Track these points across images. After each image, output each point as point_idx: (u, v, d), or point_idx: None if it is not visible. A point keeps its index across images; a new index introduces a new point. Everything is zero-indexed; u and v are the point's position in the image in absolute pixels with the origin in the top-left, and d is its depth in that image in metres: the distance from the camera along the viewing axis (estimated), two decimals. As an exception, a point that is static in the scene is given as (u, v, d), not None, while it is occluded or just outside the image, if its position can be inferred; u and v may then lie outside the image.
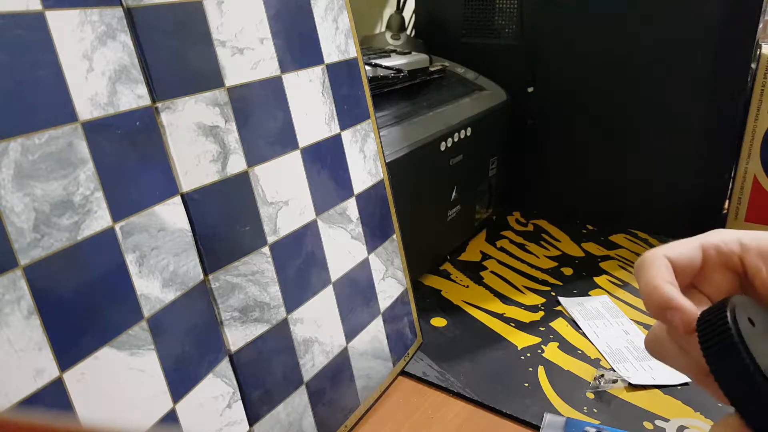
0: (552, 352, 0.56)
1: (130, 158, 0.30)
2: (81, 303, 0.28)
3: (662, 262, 0.29)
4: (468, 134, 0.69)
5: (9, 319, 0.25)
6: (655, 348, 0.31)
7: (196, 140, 0.34)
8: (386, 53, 0.72)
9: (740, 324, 0.27)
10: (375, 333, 0.48)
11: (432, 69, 0.73)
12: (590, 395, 0.50)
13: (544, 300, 0.65)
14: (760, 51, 0.74)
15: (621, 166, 0.81)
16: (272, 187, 0.39)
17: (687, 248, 0.29)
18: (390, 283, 0.50)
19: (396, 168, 0.54)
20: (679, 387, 0.51)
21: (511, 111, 0.81)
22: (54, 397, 0.26)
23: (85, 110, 0.28)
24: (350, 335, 0.45)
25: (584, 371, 0.53)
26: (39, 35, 0.27)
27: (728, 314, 0.27)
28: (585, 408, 0.49)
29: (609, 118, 0.80)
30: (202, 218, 0.34)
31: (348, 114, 0.46)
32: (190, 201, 0.33)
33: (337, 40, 0.45)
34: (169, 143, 0.32)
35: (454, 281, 0.69)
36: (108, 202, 0.29)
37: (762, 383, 0.25)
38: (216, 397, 0.34)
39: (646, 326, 0.60)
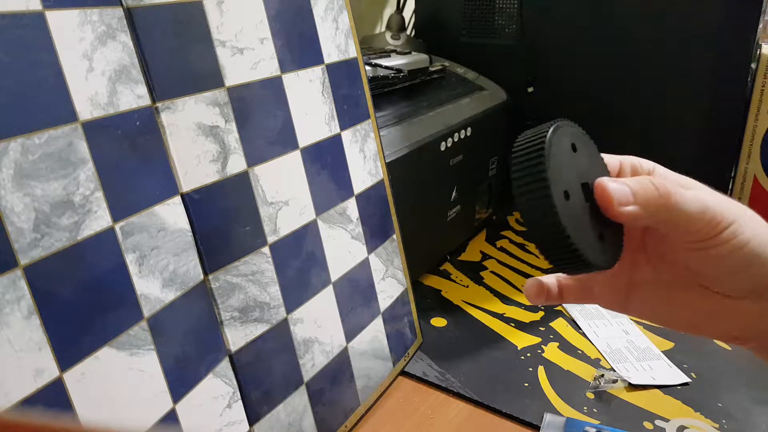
0: (552, 352, 0.56)
1: (130, 158, 0.30)
2: (81, 303, 0.28)
3: None
4: (468, 134, 0.69)
5: (9, 319, 0.25)
6: None
7: (196, 140, 0.34)
8: (386, 53, 0.72)
9: (557, 143, 0.28)
10: (375, 333, 0.48)
11: (432, 69, 0.73)
12: (590, 395, 0.50)
13: (544, 300, 0.65)
14: (760, 51, 0.74)
15: (621, 166, 0.81)
16: (272, 187, 0.39)
17: (608, 156, 0.33)
18: (390, 283, 0.50)
19: (396, 168, 0.54)
20: (679, 387, 0.51)
21: (511, 111, 0.81)
22: (54, 397, 0.26)
23: (85, 110, 0.28)
24: (350, 335, 0.45)
25: (584, 371, 0.53)
26: (39, 35, 0.27)
27: (549, 131, 0.28)
28: (585, 408, 0.49)
29: (609, 118, 0.80)
30: (202, 218, 0.34)
31: (348, 114, 0.46)
32: (190, 201, 0.33)
33: (337, 40, 0.45)
34: (169, 143, 0.32)
35: (454, 281, 0.69)
36: (108, 202, 0.29)
37: (549, 195, 0.26)
38: (216, 397, 0.34)
39: (646, 326, 0.60)
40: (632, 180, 0.29)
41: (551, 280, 0.36)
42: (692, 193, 0.29)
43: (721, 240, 0.29)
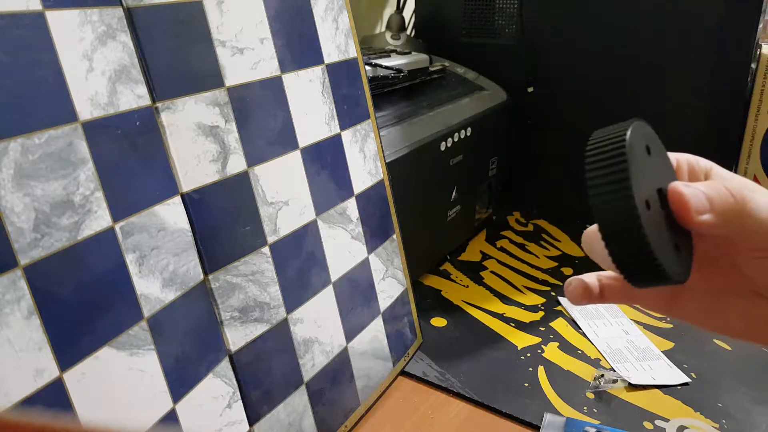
0: (552, 352, 0.56)
1: (130, 158, 0.30)
2: (81, 303, 0.28)
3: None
4: (468, 134, 0.69)
5: (9, 319, 0.25)
6: (588, 243, 0.31)
7: (196, 140, 0.34)
8: (386, 53, 0.72)
9: (636, 147, 0.25)
10: (375, 333, 0.48)
11: (432, 69, 0.73)
12: (590, 395, 0.50)
13: (544, 300, 0.65)
14: (760, 51, 0.74)
15: (621, 166, 0.81)
16: (272, 187, 0.39)
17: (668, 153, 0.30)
18: (390, 283, 0.50)
19: (396, 168, 0.54)
20: (679, 387, 0.51)
21: (511, 111, 0.81)
22: (54, 397, 0.26)
23: (85, 110, 0.28)
24: (350, 335, 0.45)
25: (584, 371, 0.53)
26: (39, 35, 0.27)
27: (629, 132, 0.25)
28: (585, 408, 0.49)
29: (609, 118, 0.80)
30: (202, 218, 0.34)
31: (348, 114, 0.46)
32: (190, 201, 0.33)
33: (337, 40, 0.45)
34: (169, 143, 0.32)
35: (454, 281, 0.69)
36: (108, 202, 0.29)
37: (631, 203, 0.24)
38: (216, 397, 0.34)
39: (646, 326, 0.60)
40: (705, 185, 0.27)
41: (592, 279, 0.33)
42: (763, 199, 0.26)
43: None
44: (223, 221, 0.35)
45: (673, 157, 0.30)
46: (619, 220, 0.25)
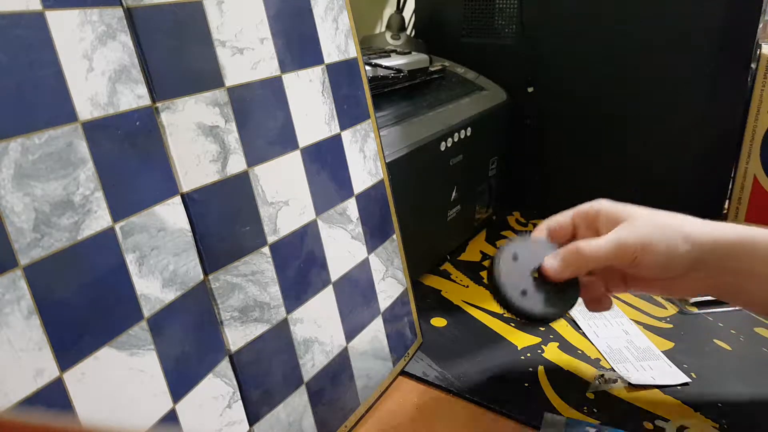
0: (552, 352, 0.56)
1: (130, 158, 0.30)
2: (81, 303, 0.28)
3: (542, 227, 0.50)
4: (468, 134, 0.69)
5: (9, 319, 0.25)
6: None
7: (196, 140, 0.34)
8: (386, 53, 0.72)
9: (503, 259, 0.46)
10: (375, 333, 0.48)
11: (432, 69, 0.73)
12: (590, 395, 0.50)
13: (544, 300, 0.65)
14: (760, 51, 0.74)
15: (620, 166, 0.81)
16: (272, 187, 0.39)
17: (562, 216, 0.50)
18: (390, 283, 0.50)
19: (396, 168, 0.54)
20: (679, 387, 0.51)
21: (511, 111, 0.81)
22: (54, 397, 0.26)
23: (85, 110, 0.28)
24: (350, 335, 0.45)
25: (584, 371, 0.53)
26: (39, 35, 0.27)
27: (499, 251, 0.47)
28: (585, 408, 0.49)
29: (609, 117, 0.80)
30: (202, 218, 0.34)
31: (348, 114, 0.46)
32: (190, 201, 0.33)
33: (337, 40, 0.45)
34: (169, 143, 0.32)
35: (454, 281, 0.69)
36: (108, 202, 0.29)
37: (508, 299, 0.45)
38: (216, 397, 0.34)
39: (646, 326, 0.60)
40: (561, 251, 0.46)
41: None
42: (605, 240, 0.44)
43: (638, 263, 0.44)
44: (223, 221, 0.35)
45: (569, 215, 0.49)
46: (506, 306, 0.45)
